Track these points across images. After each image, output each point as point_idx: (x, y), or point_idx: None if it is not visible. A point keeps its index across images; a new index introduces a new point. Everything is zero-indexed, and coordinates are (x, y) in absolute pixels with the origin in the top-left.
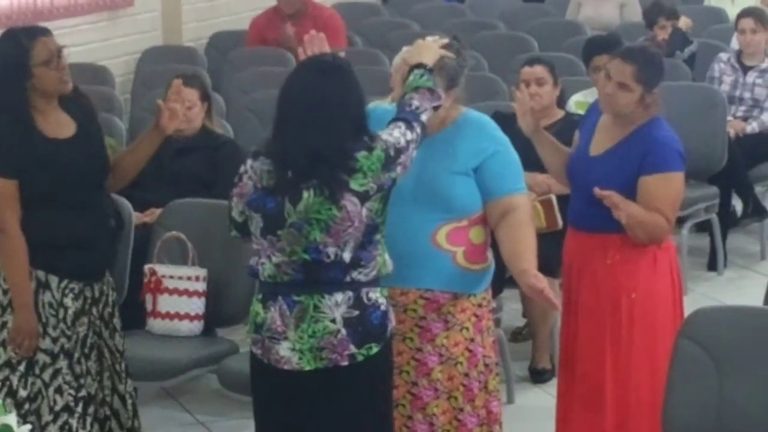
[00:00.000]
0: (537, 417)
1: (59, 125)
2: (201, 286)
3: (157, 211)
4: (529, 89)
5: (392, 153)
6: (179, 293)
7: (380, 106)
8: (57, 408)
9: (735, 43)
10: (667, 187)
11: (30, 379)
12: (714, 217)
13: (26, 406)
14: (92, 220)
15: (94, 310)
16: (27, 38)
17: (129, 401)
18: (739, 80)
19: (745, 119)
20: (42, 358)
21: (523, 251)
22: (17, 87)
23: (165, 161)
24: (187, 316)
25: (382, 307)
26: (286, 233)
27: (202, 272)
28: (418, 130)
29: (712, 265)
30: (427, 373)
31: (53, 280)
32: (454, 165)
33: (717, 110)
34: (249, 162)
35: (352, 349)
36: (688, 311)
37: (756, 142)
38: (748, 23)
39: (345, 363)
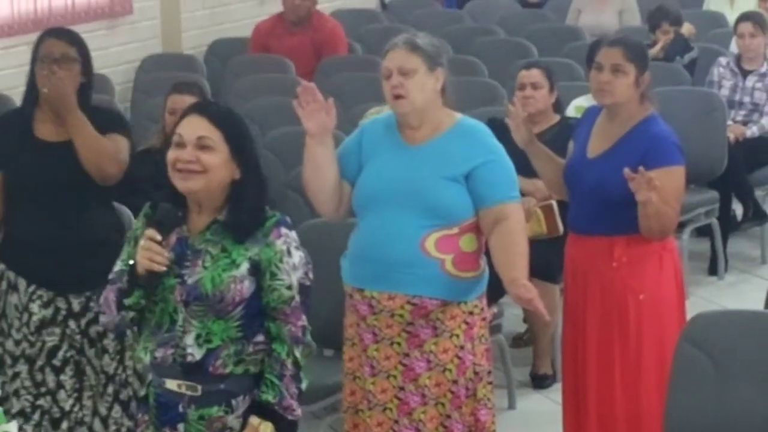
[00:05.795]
0: (538, 422)
1: (54, 128)
2: None
3: None
4: (524, 92)
5: None
6: None
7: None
8: (13, 411)
9: (734, 48)
10: (671, 181)
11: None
12: (714, 221)
13: None
14: (68, 228)
15: (72, 324)
16: (43, 36)
17: (112, 428)
18: (739, 84)
19: (744, 123)
20: (5, 359)
21: (514, 260)
22: (30, 82)
23: (164, 168)
24: None
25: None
26: None
27: None
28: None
29: (713, 270)
30: (414, 379)
31: (21, 283)
32: (444, 172)
33: (717, 115)
34: None
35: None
36: (689, 315)
37: (756, 146)
38: (747, 27)
39: None
